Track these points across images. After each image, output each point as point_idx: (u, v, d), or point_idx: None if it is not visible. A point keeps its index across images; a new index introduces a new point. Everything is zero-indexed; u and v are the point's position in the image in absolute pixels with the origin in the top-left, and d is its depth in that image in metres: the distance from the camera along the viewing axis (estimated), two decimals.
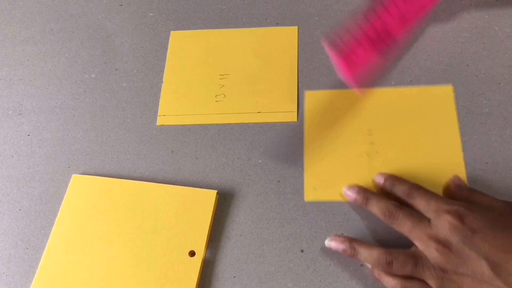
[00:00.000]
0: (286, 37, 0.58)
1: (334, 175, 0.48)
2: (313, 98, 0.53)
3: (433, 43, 0.56)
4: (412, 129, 0.50)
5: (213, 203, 0.48)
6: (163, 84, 0.57)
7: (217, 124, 0.53)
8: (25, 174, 0.52)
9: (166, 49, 0.60)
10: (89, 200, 0.49)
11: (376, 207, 0.43)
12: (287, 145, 0.51)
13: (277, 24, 0.60)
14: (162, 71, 0.58)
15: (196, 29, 0.61)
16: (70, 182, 0.50)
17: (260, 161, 0.51)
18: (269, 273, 0.45)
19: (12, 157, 0.53)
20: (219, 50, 0.59)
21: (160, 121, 0.54)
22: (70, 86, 0.58)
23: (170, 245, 0.46)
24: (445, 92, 0.51)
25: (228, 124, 0.53)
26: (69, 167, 0.52)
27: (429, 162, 0.48)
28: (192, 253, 0.45)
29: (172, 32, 0.61)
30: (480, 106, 0.51)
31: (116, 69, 0.59)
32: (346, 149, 0.50)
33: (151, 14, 0.63)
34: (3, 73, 0.60)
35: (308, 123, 0.52)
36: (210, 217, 0.47)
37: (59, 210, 0.49)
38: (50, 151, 0.53)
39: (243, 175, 0.50)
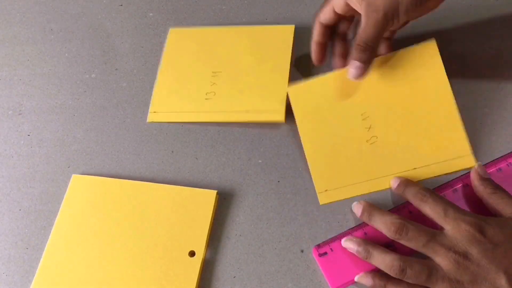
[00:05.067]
0: (282, 35, 0.58)
1: (341, 172, 0.47)
2: (297, 92, 0.51)
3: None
4: (407, 108, 0.47)
5: (213, 203, 0.48)
6: (156, 81, 0.57)
7: (208, 123, 0.53)
8: (25, 174, 0.52)
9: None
10: (89, 200, 0.49)
11: (380, 222, 0.42)
12: (287, 145, 0.51)
13: (277, 24, 0.60)
14: None
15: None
16: (70, 182, 0.50)
17: (260, 161, 0.51)
18: (269, 273, 0.45)
19: (12, 157, 0.53)
20: (214, 47, 0.58)
21: (150, 118, 0.54)
22: (70, 86, 0.58)
23: (170, 245, 0.46)
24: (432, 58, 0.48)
25: (216, 122, 0.53)
26: (69, 167, 0.52)
27: (430, 139, 0.46)
28: (192, 253, 0.45)
29: (170, 29, 0.61)
30: (480, 106, 0.51)
31: (116, 69, 0.59)
32: (346, 142, 0.48)
33: (151, 14, 0.63)
34: (3, 73, 0.60)
35: (300, 120, 0.50)
36: (210, 217, 0.47)
37: (59, 210, 0.49)
38: (50, 151, 0.53)
39: (243, 175, 0.50)
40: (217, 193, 0.48)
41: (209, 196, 0.48)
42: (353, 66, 0.45)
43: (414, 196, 0.43)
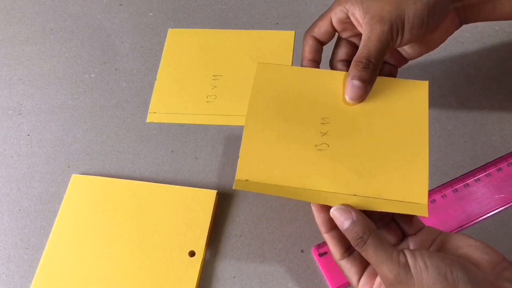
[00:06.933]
0: (283, 41, 0.58)
1: (272, 167, 0.39)
2: (267, 70, 0.44)
3: None
4: (375, 133, 0.40)
5: (213, 203, 0.48)
6: (156, 81, 0.57)
7: (208, 125, 0.53)
8: (25, 174, 0.52)
9: None
10: (89, 200, 0.49)
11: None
12: None
13: (277, 24, 0.60)
14: None
15: (195, 28, 0.61)
16: (70, 182, 0.50)
17: None
18: (269, 273, 0.45)
19: (12, 157, 0.53)
20: (214, 50, 0.58)
21: (150, 118, 0.54)
22: (70, 86, 0.58)
23: (170, 245, 0.46)
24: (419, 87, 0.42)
25: (217, 125, 0.53)
26: (69, 167, 0.52)
27: (387, 172, 0.38)
28: (192, 253, 0.45)
29: (169, 30, 0.61)
30: (481, 106, 0.51)
31: (116, 69, 0.59)
32: (292, 137, 0.40)
33: (151, 14, 0.63)
34: (3, 73, 0.60)
35: (254, 97, 0.42)
36: (210, 217, 0.47)
37: (59, 210, 0.49)
38: (50, 151, 0.53)
39: None
40: (217, 193, 0.48)
41: (209, 196, 0.48)
42: (352, 86, 0.40)
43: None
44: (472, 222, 0.45)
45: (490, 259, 0.33)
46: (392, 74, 0.45)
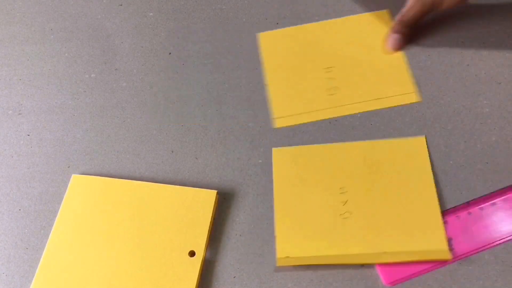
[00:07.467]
0: (379, 20, 0.58)
1: (307, 241, 0.45)
2: (280, 153, 0.50)
3: (433, 43, 0.56)
4: (387, 193, 0.47)
5: (213, 203, 0.48)
6: (268, 87, 0.55)
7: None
8: (25, 174, 0.52)
9: (166, 49, 0.60)
10: (89, 200, 0.49)
11: None
12: (286, 146, 0.51)
13: (277, 24, 0.60)
14: (162, 71, 0.58)
15: (194, 29, 0.61)
16: (70, 182, 0.50)
17: (260, 161, 0.51)
18: (269, 273, 0.45)
19: (12, 157, 0.53)
20: (313, 44, 0.58)
21: (278, 123, 0.53)
22: (70, 86, 0.58)
23: (170, 245, 0.46)
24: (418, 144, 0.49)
25: (341, 116, 0.52)
26: (69, 167, 0.52)
27: (406, 227, 0.45)
28: (192, 253, 0.45)
29: (260, 34, 0.59)
30: (481, 106, 0.51)
31: (116, 69, 0.59)
32: (319, 212, 0.47)
33: (151, 14, 0.63)
34: (3, 73, 0.60)
35: (277, 179, 0.49)
36: (210, 217, 0.47)
37: (59, 210, 0.49)
38: (50, 151, 0.53)
39: (243, 175, 0.50)
40: (217, 193, 0.48)
41: (209, 196, 0.48)
42: (392, 38, 0.56)
43: None
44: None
45: None
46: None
